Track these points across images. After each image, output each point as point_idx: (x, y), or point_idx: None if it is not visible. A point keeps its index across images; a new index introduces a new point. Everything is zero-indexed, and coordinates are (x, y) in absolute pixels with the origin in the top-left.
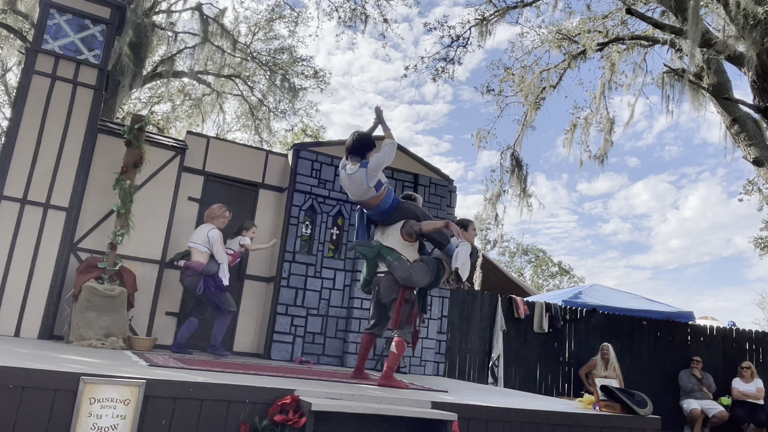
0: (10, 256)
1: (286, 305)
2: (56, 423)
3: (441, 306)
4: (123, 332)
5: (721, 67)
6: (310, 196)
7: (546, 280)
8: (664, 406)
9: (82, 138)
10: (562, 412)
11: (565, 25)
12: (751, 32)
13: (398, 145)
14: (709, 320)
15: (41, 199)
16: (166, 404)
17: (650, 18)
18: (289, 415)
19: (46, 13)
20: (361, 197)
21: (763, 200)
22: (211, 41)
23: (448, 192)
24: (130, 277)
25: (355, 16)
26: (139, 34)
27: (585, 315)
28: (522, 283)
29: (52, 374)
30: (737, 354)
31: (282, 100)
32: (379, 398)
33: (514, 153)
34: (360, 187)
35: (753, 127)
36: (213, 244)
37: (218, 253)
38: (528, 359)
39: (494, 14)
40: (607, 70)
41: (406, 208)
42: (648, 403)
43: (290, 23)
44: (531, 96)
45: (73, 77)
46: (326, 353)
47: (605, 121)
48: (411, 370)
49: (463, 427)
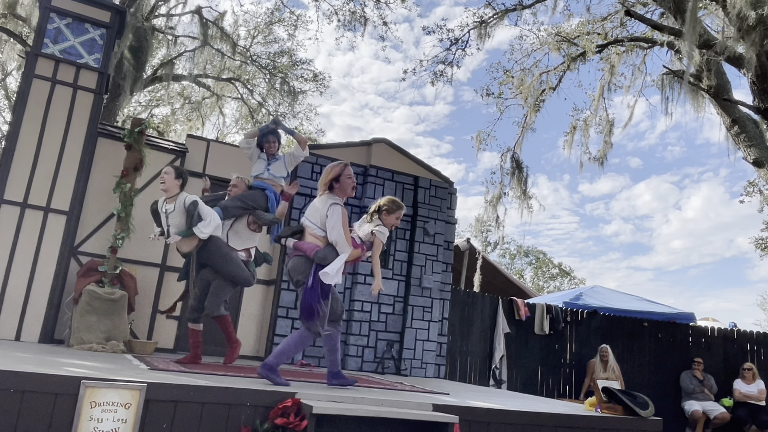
0: (10, 260)
1: (286, 308)
2: (57, 427)
3: (442, 308)
4: (124, 336)
5: (721, 69)
6: (311, 199)
7: (546, 281)
8: (665, 408)
9: (83, 142)
10: (563, 414)
11: (564, 28)
12: (749, 34)
13: (398, 147)
14: (710, 321)
15: (41, 202)
16: (167, 408)
17: (649, 20)
18: (291, 418)
19: (46, 17)
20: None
21: (763, 201)
22: (210, 44)
23: (448, 194)
24: (130, 280)
25: (354, 19)
26: (139, 37)
27: (586, 317)
28: (523, 285)
29: (52, 378)
30: (738, 355)
31: (282, 103)
32: (380, 401)
33: (514, 155)
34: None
35: (753, 128)
36: (332, 224)
37: (338, 240)
38: (529, 361)
39: (493, 17)
40: (606, 72)
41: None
42: (649, 405)
43: (290, 26)
44: (531, 98)
45: (74, 81)
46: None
47: (605, 123)
48: (412, 373)
49: (465, 429)
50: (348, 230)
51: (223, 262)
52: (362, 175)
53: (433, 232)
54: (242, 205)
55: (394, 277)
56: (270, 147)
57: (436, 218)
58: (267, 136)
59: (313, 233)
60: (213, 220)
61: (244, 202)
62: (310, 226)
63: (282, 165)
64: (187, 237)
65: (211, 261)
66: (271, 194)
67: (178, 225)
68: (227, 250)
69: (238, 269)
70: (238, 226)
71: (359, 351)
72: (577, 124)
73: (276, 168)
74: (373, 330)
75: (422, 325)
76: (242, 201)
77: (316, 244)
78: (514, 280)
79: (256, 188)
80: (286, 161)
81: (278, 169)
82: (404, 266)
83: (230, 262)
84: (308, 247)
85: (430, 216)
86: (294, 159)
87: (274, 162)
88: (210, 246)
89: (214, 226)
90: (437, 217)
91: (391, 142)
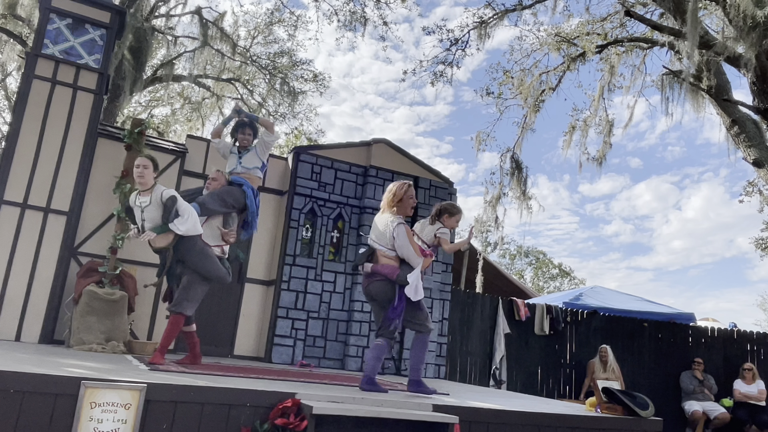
0: (10, 261)
1: (286, 308)
2: (57, 427)
3: (441, 309)
4: (123, 336)
5: (721, 69)
6: (311, 200)
7: (546, 282)
8: (665, 408)
9: (82, 142)
10: (563, 415)
11: (564, 28)
12: (749, 34)
13: (398, 147)
14: (710, 322)
15: (41, 203)
16: (167, 408)
17: (649, 20)
18: (290, 418)
19: (46, 18)
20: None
21: (763, 201)
22: (210, 45)
23: (448, 194)
24: (130, 281)
25: (354, 19)
26: (139, 38)
27: (586, 317)
28: (523, 286)
29: (52, 379)
30: (738, 355)
31: (282, 104)
32: (380, 401)
33: (514, 155)
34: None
35: (753, 128)
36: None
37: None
38: (529, 361)
39: (493, 17)
40: (606, 72)
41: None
42: (649, 405)
43: (290, 27)
44: (530, 98)
45: (73, 81)
46: (327, 356)
47: (604, 124)
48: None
49: (465, 429)
50: (415, 243)
51: (199, 258)
52: (362, 176)
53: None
54: (222, 204)
55: None
56: (243, 140)
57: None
58: (241, 129)
59: (385, 255)
60: (191, 216)
61: (224, 201)
62: (381, 249)
63: (254, 155)
64: (162, 233)
65: (187, 257)
66: (248, 190)
67: (153, 219)
68: (203, 245)
69: (214, 266)
70: (213, 222)
71: (359, 351)
72: (576, 124)
73: (248, 160)
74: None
75: None
76: (222, 200)
77: (392, 266)
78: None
79: (234, 184)
80: (258, 151)
81: (251, 160)
82: None
83: (206, 258)
84: (388, 271)
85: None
86: (265, 146)
87: (246, 154)
88: (186, 241)
89: (191, 223)
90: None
91: (391, 143)
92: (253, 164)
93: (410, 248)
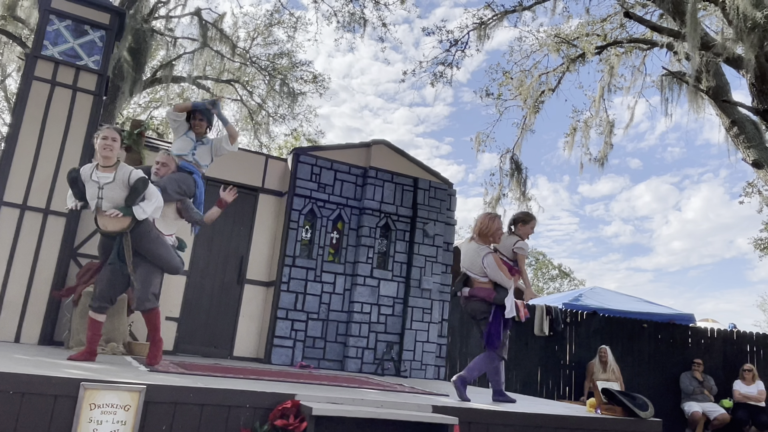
0: (10, 262)
1: (286, 309)
2: (57, 429)
3: (441, 310)
4: (123, 337)
5: (720, 70)
6: (310, 200)
7: (546, 283)
8: (665, 409)
9: (82, 143)
10: (563, 416)
11: (564, 29)
12: (749, 35)
13: (397, 148)
14: (709, 322)
15: (41, 204)
16: (166, 410)
17: (648, 21)
18: (290, 419)
19: (45, 19)
20: None
21: (762, 202)
22: (210, 46)
23: (447, 195)
24: None
25: (353, 20)
26: (139, 39)
27: (585, 318)
28: (522, 287)
29: (52, 380)
30: (738, 356)
31: (281, 105)
32: (379, 402)
33: (514, 156)
34: None
35: (752, 129)
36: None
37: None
38: (529, 362)
39: (492, 18)
40: (606, 73)
41: None
42: (649, 406)
43: (289, 28)
44: (530, 99)
45: (73, 83)
46: (327, 357)
47: (605, 124)
48: (412, 374)
49: (465, 430)
50: (504, 268)
51: (155, 246)
52: (362, 177)
53: (432, 234)
54: (179, 191)
55: (394, 278)
56: (196, 125)
57: (436, 219)
58: (197, 113)
59: (479, 281)
60: (156, 200)
61: (180, 188)
62: (475, 277)
63: (208, 152)
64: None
65: (141, 244)
66: (198, 179)
67: (113, 199)
68: (157, 233)
69: (170, 254)
70: (166, 210)
71: (359, 352)
72: (577, 125)
73: (201, 153)
74: (372, 331)
75: (422, 327)
76: (179, 186)
77: (488, 289)
78: None
79: (183, 170)
80: (213, 150)
81: (203, 155)
82: (404, 267)
83: (161, 247)
84: (485, 294)
85: (429, 217)
86: (219, 151)
87: (201, 146)
88: (141, 228)
89: (154, 208)
90: (437, 219)
91: (391, 144)
92: (204, 161)
93: (500, 274)
